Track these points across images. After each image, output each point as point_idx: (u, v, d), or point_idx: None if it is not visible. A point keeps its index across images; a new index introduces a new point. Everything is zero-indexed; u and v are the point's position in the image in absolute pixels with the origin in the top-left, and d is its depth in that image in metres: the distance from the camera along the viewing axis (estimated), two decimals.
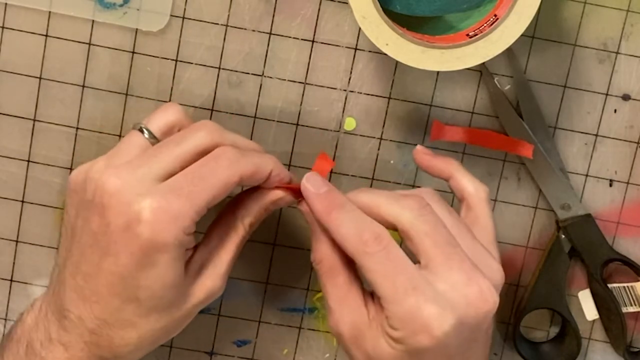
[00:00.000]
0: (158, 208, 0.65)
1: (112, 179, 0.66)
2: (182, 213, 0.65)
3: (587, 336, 0.84)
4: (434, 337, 0.64)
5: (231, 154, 0.68)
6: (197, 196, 0.66)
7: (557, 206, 0.81)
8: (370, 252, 0.65)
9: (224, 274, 0.70)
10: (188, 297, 0.68)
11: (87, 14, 0.78)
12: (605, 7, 0.79)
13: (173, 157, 0.68)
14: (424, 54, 0.71)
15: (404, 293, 0.64)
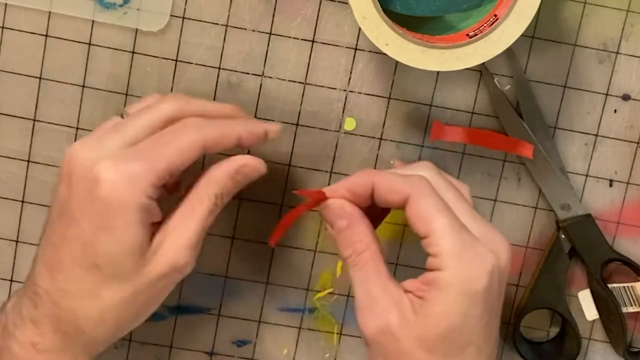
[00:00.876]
0: (116, 169, 0.65)
1: (78, 147, 0.67)
2: (140, 174, 0.65)
3: (587, 336, 0.84)
4: (487, 275, 0.65)
5: (196, 121, 0.68)
6: (157, 159, 0.66)
7: (557, 206, 0.81)
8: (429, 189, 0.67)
9: (188, 247, 0.68)
10: (148, 269, 0.67)
11: (87, 14, 0.78)
12: (605, 7, 0.79)
13: (139, 127, 0.68)
14: (424, 54, 0.71)
15: (459, 229, 0.66)
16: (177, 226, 0.68)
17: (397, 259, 0.82)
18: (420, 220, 0.66)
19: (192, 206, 0.69)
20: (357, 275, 0.68)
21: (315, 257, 0.82)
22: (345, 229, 0.68)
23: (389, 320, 0.66)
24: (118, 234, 0.66)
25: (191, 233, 0.68)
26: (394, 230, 0.81)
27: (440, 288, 0.65)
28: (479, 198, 0.81)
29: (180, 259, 0.68)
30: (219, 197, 0.69)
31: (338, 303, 0.83)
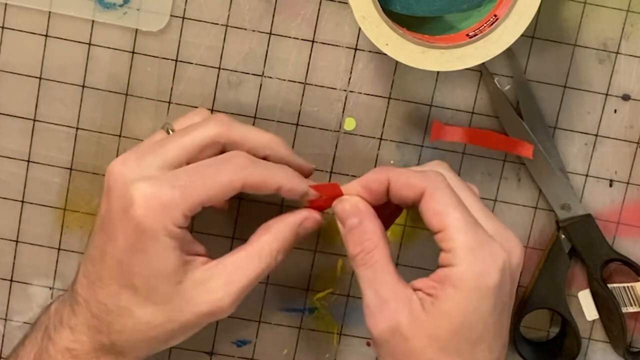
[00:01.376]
0: (150, 193, 0.66)
1: (118, 165, 0.68)
2: (172, 203, 0.66)
3: (587, 336, 0.84)
4: (499, 271, 0.65)
5: (240, 160, 0.68)
6: (192, 191, 0.66)
7: (557, 206, 0.81)
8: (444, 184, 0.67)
9: (234, 294, 0.68)
10: (189, 302, 0.68)
11: (87, 14, 0.78)
12: (605, 7, 0.79)
13: (178, 147, 0.68)
14: (424, 54, 0.71)
15: (473, 225, 0.66)
16: (232, 272, 0.68)
17: (397, 258, 0.82)
18: (435, 215, 0.66)
19: (251, 257, 0.69)
20: (365, 274, 0.68)
21: (315, 257, 0.82)
22: (356, 227, 0.68)
23: (398, 321, 0.66)
24: (151, 257, 0.66)
25: (245, 283, 0.68)
26: (394, 230, 0.81)
27: (452, 284, 0.65)
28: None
29: (223, 304, 0.68)
30: (280, 253, 0.70)
31: (338, 303, 0.83)
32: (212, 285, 0.68)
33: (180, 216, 0.66)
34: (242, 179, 0.67)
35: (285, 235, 0.69)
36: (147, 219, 0.66)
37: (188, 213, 0.66)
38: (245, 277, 0.68)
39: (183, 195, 0.66)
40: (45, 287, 0.82)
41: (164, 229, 0.66)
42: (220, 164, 0.68)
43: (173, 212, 0.66)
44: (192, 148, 0.68)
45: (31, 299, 0.82)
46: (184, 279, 0.67)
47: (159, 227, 0.66)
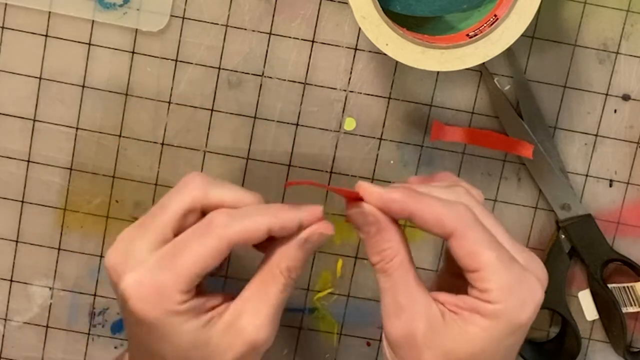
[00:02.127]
0: (140, 284, 0.64)
1: (110, 258, 0.66)
2: (167, 286, 0.64)
3: (587, 336, 0.84)
4: (536, 306, 0.63)
5: (220, 220, 0.65)
6: (184, 267, 0.64)
7: (557, 206, 0.81)
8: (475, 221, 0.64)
9: (266, 324, 0.66)
10: (225, 351, 0.66)
11: (87, 14, 0.78)
12: (605, 7, 0.79)
13: (160, 224, 0.66)
14: (424, 54, 0.71)
15: (509, 261, 0.63)
16: (251, 306, 0.66)
17: None
18: (469, 255, 0.63)
19: (265, 284, 0.67)
20: (385, 282, 0.66)
21: (315, 257, 0.82)
22: (375, 235, 0.66)
23: (415, 327, 0.64)
24: (170, 339, 0.65)
25: (269, 309, 0.66)
26: None
27: (484, 315, 0.63)
28: None
29: (259, 338, 0.66)
30: (292, 271, 0.67)
31: (338, 303, 0.83)
32: (240, 325, 0.66)
33: (177, 295, 0.64)
34: (227, 240, 0.65)
35: (291, 253, 0.67)
36: (146, 311, 0.64)
37: (186, 288, 0.64)
38: (267, 303, 0.66)
39: (175, 275, 0.64)
40: (45, 287, 0.82)
41: (167, 313, 0.64)
42: (202, 231, 0.65)
43: (169, 295, 0.64)
44: (173, 221, 0.66)
45: (31, 299, 0.82)
46: (210, 336, 0.65)
47: (160, 313, 0.64)
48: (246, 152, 0.80)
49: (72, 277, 0.82)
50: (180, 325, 0.64)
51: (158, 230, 0.66)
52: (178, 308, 0.64)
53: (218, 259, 0.65)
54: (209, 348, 0.65)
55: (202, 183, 0.68)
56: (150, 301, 0.64)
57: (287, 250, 0.67)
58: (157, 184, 0.80)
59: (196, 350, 0.65)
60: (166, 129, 0.80)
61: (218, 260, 0.65)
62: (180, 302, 0.64)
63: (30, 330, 0.83)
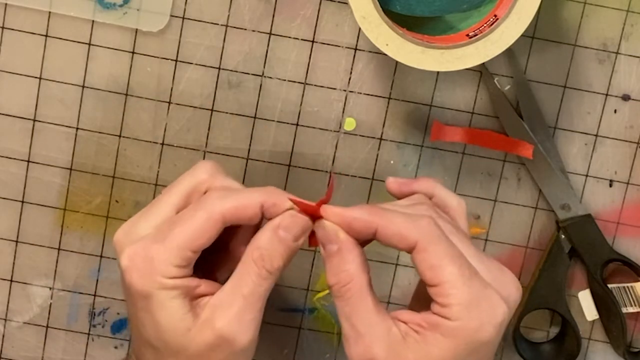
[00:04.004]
0: (134, 256, 0.65)
1: (119, 235, 0.67)
2: (158, 258, 0.64)
3: (587, 336, 0.84)
4: (497, 324, 0.62)
5: (215, 193, 0.66)
6: (175, 240, 0.64)
7: (557, 206, 0.81)
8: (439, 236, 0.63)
9: (239, 317, 0.65)
10: (197, 340, 0.65)
11: (87, 14, 0.78)
12: (605, 7, 0.79)
13: (166, 204, 0.67)
14: (424, 54, 0.71)
15: (470, 277, 0.62)
16: (227, 298, 0.65)
17: (397, 259, 0.82)
18: (429, 269, 0.63)
19: (240, 276, 0.66)
20: (340, 307, 0.65)
21: (315, 257, 0.82)
22: (334, 256, 0.65)
23: (374, 353, 0.63)
24: (154, 314, 0.65)
25: (241, 302, 0.65)
26: None
27: (443, 334, 0.63)
28: (479, 198, 0.81)
29: (231, 331, 0.65)
30: (266, 260, 0.65)
31: None
32: (214, 318, 0.65)
33: (169, 267, 0.64)
34: (219, 211, 0.65)
35: (264, 240, 0.66)
36: (138, 281, 0.64)
37: (178, 262, 0.64)
38: (240, 296, 0.65)
39: (166, 247, 0.64)
40: (45, 287, 0.82)
41: (157, 284, 0.64)
42: (196, 206, 0.66)
43: (160, 266, 0.64)
44: (176, 201, 0.67)
45: (31, 299, 0.82)
46: (193, 324, 0.65)
47: (150, 285, 0.64)
48: (246, 152, 0.80)
49: (72, 277, 0.82)
50: (166, 301, 0.64)
51: (161, 209, 0.67)
52: (167, 282, 0.64)
53: (210, 233, 0.65)
54: (187, 336, 0.65)
55: (212, 169, 0.68)
56: (142, 272, 0.64)
57: (260, 237, 0.66)
58: (157, 184, 0.80)
59: (175, 333, 0.65)
60: (166, 129, 0.80)
61: (210, 234, 0.65)
62: (170, 276, 0.64)
63: (30, 330, 0.83)
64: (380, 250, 0.81)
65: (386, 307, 0.83)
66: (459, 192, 0.81)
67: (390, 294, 0.82)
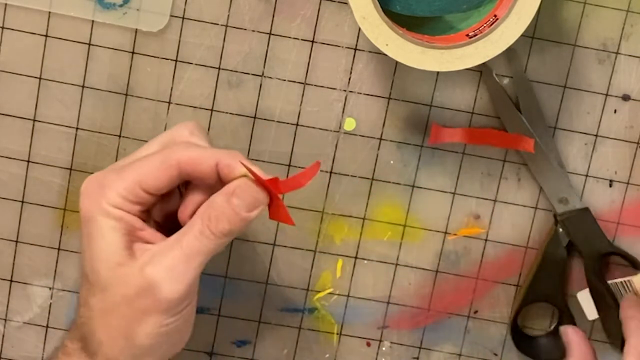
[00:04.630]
0: (89, 182, 0.67)
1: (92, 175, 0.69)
2: (108, 185, 0.66)
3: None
4: None
5: (178, 145, 0.68)
6: (127, 172, 0.67)
7: (555, 200, 0.81)
8: None
9: (168, 270, 0.65)
10: (126, 280, 0.65)
11: (87, 14, 0.77)
12: (605, 7, 0.79)
13: (139, 152, 0.70)
14: (423, 54, 0.71)
15: None
16: (165, 246, 0.66)
17: (397, 259, 0.82)
18: None
19: (184, 230, 0.66)
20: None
21: (315, 257, 0.82)
22: None
23: None
24: (92, 240, 0.66)
25: (177, 253, 0.65)
26: (394, 230, 0.81)
27: None
28: (479, 198, 0.81)
29: (158, 276, 0.65)
30: (213, 220, 0.65)
31: (338, 303, 0.83)
32: (146, 265, 0.65)
33: (115, 195, 0.66)
34: (176, 157, 0.66)
35: (216, 202, 0.66)
36: (86, 203, 0.67)
37: (125, 193, 0.66)
38: (177, 249, 0.65)
39: (118, 176, 0.67)
40: (45, 287, 0.82)
41: (100, 209, 0.66)
42: (159, 151, 0.68)
43: (107, 192, 0.66)
44: (154, 150, 0.69)
45: (31, 299, 0.82)
46: (125, 262, 0.66)
47: (95, 208, 0.66)
48: (246, 152, 0.80)
49: (72, 277, 0.82)
50: (104, 229, 0.66)
51: (135, 155, 0.69)
52: (110, 210, 0.66)
53: (163, 176, 0.66)
54: (115, 272, 0.65)
55: (194, 128, 0.70)
56: (91, 197, 0.67)
57: (213, 198, 0.66)
58: None
59: (106, 265, 0.66)
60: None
61: (163, 178, 0.66)
62: (114, 204, 0.66)
63: (30, 330, 0.83)
64: (380, 250, 0.81)
65: (386, 307, 0.83)
66: (459, 192, 0.81)
67: (390, 294, 0.83)
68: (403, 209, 0.81)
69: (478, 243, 0.82)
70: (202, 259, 0.66)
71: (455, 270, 0.82)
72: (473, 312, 0.83)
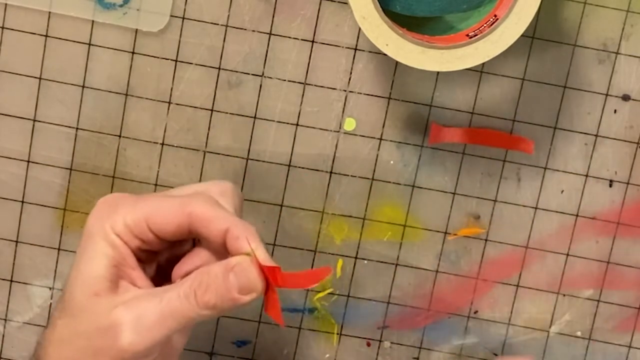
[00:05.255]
0: (106, 199, 0.65)
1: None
2: (118, 207, 0.64)
3: (587, 336, 0.84)
4: None
5: (199, 196, 0.65)
6: (143, 203, 0.64)
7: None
8: None
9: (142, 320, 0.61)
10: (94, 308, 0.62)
11: (87, 14, 0.78)
12: (605, 7, 0.79)
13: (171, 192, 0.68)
14: (424, 54, 0.71)
15: None
16: (146, 296, 0.63)
17: (397, 259, 0.82)
18: None
19: (172, 287, 0.63)
20: None
21: (315, 257, 0.82)
22: None
23: None
24: (82, 260, 0.63)
25: (152, 310, 0.62)
26: (394, 230, 0.81)
27: None
28: (479, 198, 0.81)
29: (124, 325, 0.61)
30: (201, 289, 0.62)
31: (338, 303, 0.83)
32: (122, 306, 0.62)
33: (120, 221, 0.63)
34: (192, 206, 0.63)
35: (214, 272, 0.62)
36: (92, 219, 0.64)
37: (130, 222, 0.63)
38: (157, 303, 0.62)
39: (133, 203, 0.64)
40: (45, 287, 0.82)
41: (101, 229, 0.63)
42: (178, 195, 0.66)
43: (115, 215, 0.63)
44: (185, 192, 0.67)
45: (31, 299, 0.82)
46: (104, 294, 0.62)
47: (97, 226, 0.64)
48: (246, 152, 0.80)
49: None
50: (95, 252, 0.63)
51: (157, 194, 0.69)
52: (109, 233, 0.63)
53: (173, 219, 0.63)
54: (89, 301, 0.62)
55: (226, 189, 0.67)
56: (100, 214, 0.64)
57: (212, 267, 0.63)
58: (157, 184, 0.80)
59: (82, 289, 0.63)
60: (166, 129, 0.80)
61: (172, 221, 0.63)
62: (115, 230, 0.63)
63: (30, 330, 0.83)
64: (380, 250, 0.81)
65: (386, 307, 0.83)
66: (459, 192, 0.81)
67: (390, 294, 0.83)
68: (403, 209, 0.81)
69: (478, 243, 0.82)
70: (177, 323, 0.62)
71: (455, 270, 0.82)
72: (473, 312, 0.83)
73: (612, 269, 0.83)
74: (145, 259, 0.66)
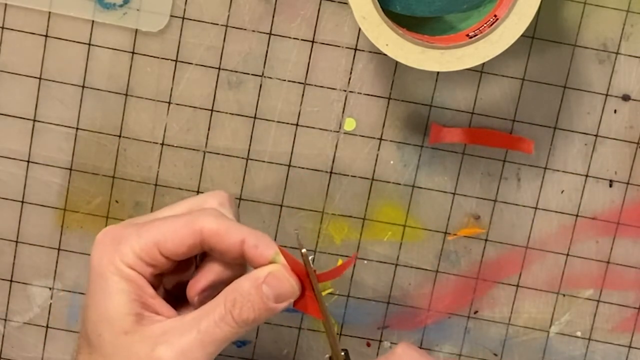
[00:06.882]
0: (107, 232, 0.64)
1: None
2: (125, 240, 0.62)
3: (587, 336, 0.84)
4: None
5: (206, 212, 0.64)
6: (148, 230, 0.63)
7: None
8: None
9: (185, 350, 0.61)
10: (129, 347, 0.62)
11: (87, 15, 0.78)
12: (605, 7, 0.79)
13: (162, 212, 0.67)
14: (423, 54, 0.71)
15: None
16: (181, 325, 0.62)
17: (397, 259, 0.82)
18: None
19: (205, 311, 0.62)
20: None
21: (316, 257, 0.82)
22: None
23: None
24: (99, 299, 0.62)
25: (193, 337, 0.62)
26: (394, 231, 0.81)
27: None
28: (479, 198, 0.81)
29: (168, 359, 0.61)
30: (237, 307, 0.62)
31: (338, 303, 0.83)
32: (161, 339, 0.62)
33: (130, 253, 0.62)
34: (201, 224, 0.63)
35: (245, 288, 0.62)
36: (97, 256, 0.63)
37: (141, 253, 0.62)
38: (190, 333, 0.62)
39: (137, 232, 0.63)
40: (45, 288, 0.82)
41: (112, 265, 0.62)
42: (185, 214, 0.65)
43: (122, 248, 0.62)
44: (179, 212, 0.66)
45: (31, 299, 0.82)
46: (133, 330, 0.62)
47: (107, 263, 0.62)
48: (246, 152, 0.80)
49: (72, 277, 0.82)
50: (113, 290, 0.62)
51: (156, 214, 0.66)
52: (122, 267, 0.62)
53: (184, 241, 0.63)
54: (121, 340, 0.62)
55: (224, 199, 0.66)
56: (105, 250, 0.63)
57: (241, 282, 0.63)
58: (157, 184, 0.80)
59: (111, 329, 0.62)
60: (166, 129, 0.80)
61: (183, 243, 0.63)
62: (128, 263, 0.62)
63: (30, 330, 0.83)
64: (380, 250, 0.81)
65: (386, 307, 0.83)
66: (459, 192, 0.81)
67: (390, 294, 0.83)
68: (403, 209, 0.81)
69: (478, 243, 0.82)
70: (219, 346, 0.63)
71: (455, 270, 0.82)
72: (473, 312, 0.83)
73: (612, 269, 0.83)
74: (156, 284, 0.65)
